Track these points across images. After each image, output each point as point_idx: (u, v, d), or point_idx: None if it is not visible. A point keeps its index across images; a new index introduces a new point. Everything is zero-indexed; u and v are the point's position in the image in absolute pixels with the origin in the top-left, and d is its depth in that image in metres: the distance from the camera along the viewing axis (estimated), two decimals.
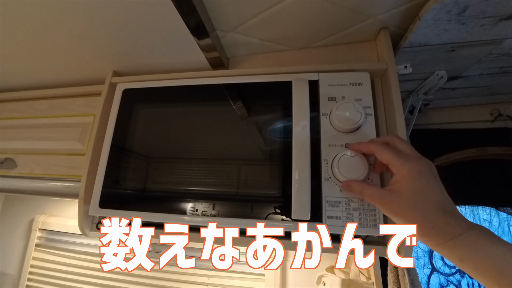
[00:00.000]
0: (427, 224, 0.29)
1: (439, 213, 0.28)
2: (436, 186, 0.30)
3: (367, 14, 0.47)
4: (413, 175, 0.30)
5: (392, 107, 0.44)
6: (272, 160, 0.44)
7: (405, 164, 0.31)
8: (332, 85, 0.45)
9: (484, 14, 0.42)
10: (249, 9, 0.47)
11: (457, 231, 0.28)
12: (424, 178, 0.30)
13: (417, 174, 0.30)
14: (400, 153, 0.33)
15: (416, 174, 0.30)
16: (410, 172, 0.30)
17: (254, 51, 0.58)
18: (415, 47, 0.50)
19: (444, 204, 0.29)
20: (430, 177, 0.30)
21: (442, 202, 0.29)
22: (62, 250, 0.95)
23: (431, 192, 0.29)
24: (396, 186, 0.31)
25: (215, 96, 0.51)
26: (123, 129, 0.53)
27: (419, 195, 0.29)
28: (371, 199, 0.34)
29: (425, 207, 0.29)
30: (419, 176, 0.30)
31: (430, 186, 0.30)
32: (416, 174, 0.30)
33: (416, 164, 0.31)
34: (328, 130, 0.43)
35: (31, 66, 0.66)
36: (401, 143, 0.34)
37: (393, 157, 0.32)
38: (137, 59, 0.59)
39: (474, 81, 0.63)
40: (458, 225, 0.28)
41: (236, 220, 0.43)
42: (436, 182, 0.30)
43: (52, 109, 0.69)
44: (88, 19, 0.48)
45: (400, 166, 0.31)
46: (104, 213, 0.49)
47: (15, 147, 0.68)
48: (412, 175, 0.30)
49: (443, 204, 0.29)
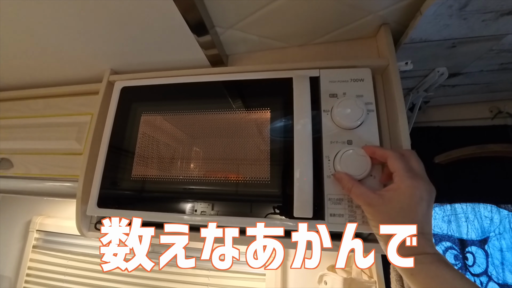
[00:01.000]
0: None
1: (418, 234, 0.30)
2: (425, 211, 0.31)
3: (368, 10, 0.46)
4: (410, 192, 0.31)
5: (394, 103, 0.44)
6: (273, 158, 0.44)
7: (409, 179, 0.31)
8: (333, 82, 0.45)
9: (486, 9, 0.41)
10: (248, 5, 0.46)
11: (423, 250, 0.29)
12: (418, 199, 0.30)
13: (413, 193, 0.31)
14: (410, 168, 0.33)
15: (413, 192, 0.31)
16: (409, 188, 0.31)
17: (254, 48, 0.58)
18: (416, 43, 0.49)
19: (423, 227, 0.30)
20: (424, 201, 0.31)
21: (422, 224, 0.30)
22: (60, 251, 0.94)
23: (418, 213, 0.30)
24: (388, 193, 0.32)
25: (214, 94, 0.51)
26: (121, 128, 0.53)
27: (406, 212, 0.30)
28: (357, 197, 0.35)
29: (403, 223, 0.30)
30: (415, 195, 0.30)
31: (420, 208, 0.30)
32: (413, 192, 0.31)
33: (419, 184, 0.31)
34: (330, 127, 0.43)
35: (27, 65, 0.65)
36: (415, 161, 0.34)
37: (402, 168, 0.32)
38: (136, 57, 0.59)
39: (474, 78, 0.63)
40: (425, 246, 0.29)
41: (235, 219, 0.43)
42: (427, 208, 0.31)
43: (49, 108, 0.68)
44: (84, 17, 0.47)
45: (403, 178, 0.32)
46: (102, 212, 0.48)
47: (11, 147, 0.67)
48: (408, 191, 0.31)
49: (422, 226, 0.30)
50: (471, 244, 0.69)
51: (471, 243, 0.69)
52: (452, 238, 0.70)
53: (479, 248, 0.68)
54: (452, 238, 0.70)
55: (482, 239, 0.69)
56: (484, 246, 0.68)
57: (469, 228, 0.69)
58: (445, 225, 0.71)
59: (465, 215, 0.70)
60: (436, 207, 0.72)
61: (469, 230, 0.69)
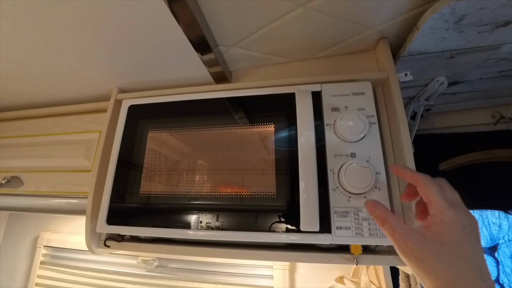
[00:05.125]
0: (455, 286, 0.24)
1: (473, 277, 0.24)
2: (477, 246, 0.25)
3: (366, 25, 0.48)
4: (455, 225, 0.26)
5: (395, 115, 0.45)
6: (278, 172, 0.45)
7: (451, 209, 0.27)
8: (334, 96, 0.46)
9: (481, 22, 0.43)
10: (250, 25, 0.48)
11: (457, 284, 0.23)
12: (467, 233, 0.25)
13: (459, 226, 0.26)
14: (448, 198, 0.28)
15: (459, 226, 0.26)
16: (454, 220, 0.26)
17: (256, 64, 0.59)
18: (414, 55, 0.51)
19: (481, 269, 0.24)
20: (472, 234, 0.26)
21: (481, 267, 0.24)
22: (67, 267, 0.94)
23: (470, 251, 0.25)
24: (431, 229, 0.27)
25: (219, 110, 0.52)
26: (129, 145, 0.54)
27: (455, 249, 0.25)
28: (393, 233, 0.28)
29: (458, 265, 0.24)
30: (463, 228, 0.26)
31: (471, 244, 0.25)
32: (460, 225, 0.26)
33: (462, 215, 0.26)
34: (333, 140, 0.44)
35: (36, 85, 0.67)
36: (450, 189, 0.30)
37: (438, 198, 0.28)
38: (142, 76, 0.61)
39: (474, 85, 0.64)
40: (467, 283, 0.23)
41: (241, 234, 0.43)
42: (477, 242, 0.26)
43: (58, 127, 0.70)
44: (92, 38, 0.49)
45: (444, 210, 0.27)
46: (112, 229, 0.49)
47: (21, 165, 0.69)
48: (454, 224, 0.26)
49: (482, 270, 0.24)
50: None
51: None
52: None
53: (489, 255, 0.67)
54: None
55: (491, 246, 0.68)
56: (494, 253, 0.67)
57: None
58: None
59: None
60: None
61: None
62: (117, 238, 0.53)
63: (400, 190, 0.43)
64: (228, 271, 0.79)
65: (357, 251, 0.39)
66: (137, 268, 0.85)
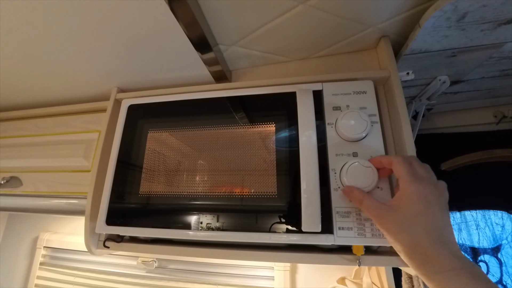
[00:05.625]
0: (416, 248, 0.28)
1: (431, 240, 0.28)
2: (438, 214, 0.29)
3: (367, 23, 0.48)
4: (416, 197, 0.30)
5: (397, 113, 0.44)
6: (279, 172, 0.44)
7: (413, 183, 0.30)
8: (336, 95, 0.45)
9: (483, 19, 0.42)
10: (250, 23, 0.47)
11: (449, 265, 0.26)
12: (426, 203, 0.29)
13: (419, 197, 0.30)
14: (415, 173, 0.32)
15: (419, 197, 0.30)
16: (414, 193, 0.30)
17: (256, 63, 0.59)
18: (416, 53, 0.50)
19: (442, 234, 0.28)
20: (433, 204, 0.29)
21: (439, 231, 0.28)
22: (67, 268, 0.93)
23: (429, 218, 0.29)
24: (395, 203, 0.32)
25: (219, 109, 0.52)
26: (128, 145, 0.53)
27: (414, 217, 0.29)
28: (368, 210, 0.34)
29: (417, 231, 0.28)
30: (421, 199, 0.29)
31: (430, 212, 0.29)
32: (419, 196, 0.30)
33: (424, 188, 0.30)
34: (334, 139, 0.43)
35: (35, 84, 0.67)
36: (419, 165, 0.33)
37: (405, 173, 0.32)
38: (142, 75, 0.60)
39: (476, 84, 0.64)
40: (451, 259, 0.27)
41: (241, 234, 0.43)
42: (439, 211, 0.29)
43: (57, 127, 0.70)
44: (91, 37, 0.49)
45: (407, 184, 0.31)
46: (111, 230, 0.49)
47: (20, 165, 0.68)
48: (414, 196, 0.30)
49: (440, 233, 0.28)
50: (484, 253, 0.67)
51: (483, 251, 0.67)
52: (463, 246, 0.68)
53: (492, 256, 0.66)
54: (463, 246, 0.68)
55: (494, 247, 0.67)
56: (497, 254, 0.66)
57: (480, 236, 0.68)
58: (455, 233, 0.69)
59: (475, 222, 0.69)
60: None
61: (481, 238, 0.68)
62: (117, 238, 0.53)
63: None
64: (228, 272, 0.78)
65: (359, 252, 0.38)
66: (137, 269, 0.84)
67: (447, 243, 0.28)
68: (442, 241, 0.28)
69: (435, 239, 0.28)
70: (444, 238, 0.28)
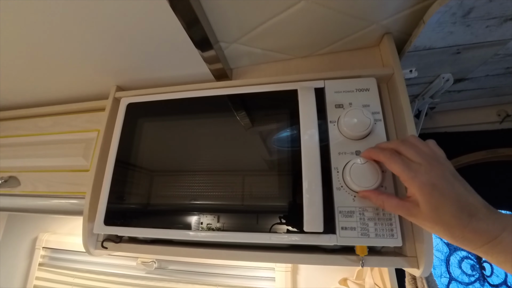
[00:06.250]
0: (454, 235, 0.28)
1: (464, 221, 0.27)
2: (452, 192, 0.28)
3: (370, 20, 0.47)
4: (426, 191, 0.29)
5: (401, 111, 0.43)
6: (280, 171, 0.43)
7: (415, 179, 0.29)
8: (338, 92, 0.45)
9: (489, 15, 0.41)
10: (251, 19, 0.47)
11: (490, 235, 0.26)
12: (438, 191, 0.28)
13: (430, 189, 0.28)
14: (409, 164, 0.30)
15: (429, 189, 0.28)
16: (421, 188, 0.29)
17: (257, 61, 0.58)
18: (420, 50, 0.49)
19: (469, 209, 0.27)
20: (445, 186, 0.28)
21: (466, 207, 0.27)
22: (66, 268, 0.93)
23: (449, 202, 0.27)
24: (413, 198, 0.30)
25: (219, 108, 0.51)
26: (127, 144, 0.53)
27: (437, 209, 0.28)
28: (395, 210, 0.33)
29: (447, 220, 0.27)
30: (432, 190, 0.28)
31: (447, 195, 0.28)
32: (428, 189, 0.28)
33: (427, 177, 0.29)
34: (337, 138, 0.42)
35: (34, 83, 0.66)
36: (407, 150, 0.32)
37: (402, 171, 0.30)
38: (141, 73, 0.59)
39: (480, 82, 0.63)
40: (490, 228, 0.26)
41: (242, 235, 0.42)
42: (452, 187, 0.28)
43: (56, 126, 0.69)
44: (90, 34, 0.48)
45: (410, 182, 0.30)
46: (109, 230, 0.48)
47: (19, 165, 0.68)
48: (424, 190, 0.29)
49: (468, 209, 0.27)
50: None
51: None
52: None
53: None
54: None
55: None
56: None
57: None
58: None
59: None
60: None
61: None
62: (115, 239, 0.52)
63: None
64: (229, 273, 0.77)
65: (363, 252, 0.38)
66: (136, 269, 0.84)
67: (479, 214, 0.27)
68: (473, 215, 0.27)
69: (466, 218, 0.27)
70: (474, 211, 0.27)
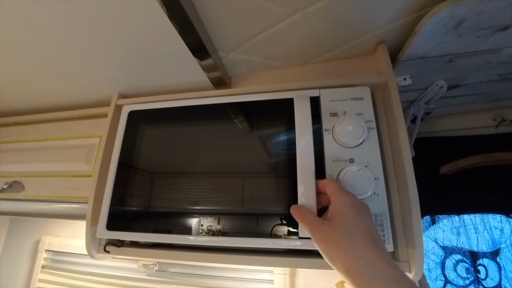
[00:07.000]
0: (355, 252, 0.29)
1: (370, 244, 0.29)
2: (368, 218, 0.32)
3: (364, 30, 0.48)
4: (348, 206, 0.33)
5: (394, 119, 0.44)
6: (277, 177, 0.45)
7: (344, 195, 0.34)
8: (333, 101, 0.46)
9: (480, 26, 0.42)
10: (249, 30, 0.48)
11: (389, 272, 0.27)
12: (357, 209, 0.32)
13: (351, 205, 0.33)
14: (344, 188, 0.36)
15: (350, 205, 0.33)
16: (346, 202, 0.33)
17: (255, 69, 0.60)
18: (413, 59, 0.51)
19: (375, 236, 0.30)
20: (362, 210, 0.33)
21: (372, 233, 0.31)
22: (68, 271, 0.94)
23: (362, 222, 0.31)
24: (329, 215, 0.34)
25: (218, 115, 0.52)
26: (129, 150, 0.54)
27: (351, 222, 0.31)
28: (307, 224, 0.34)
29: (355, 233, 0.30)
30: (352, 206, 0.33)
31: (362, 217, 0.32)
32: (350, 205, 0.33)
33: (352, 199, 0.34)
34: (332, 145, 0.43)
35: (37, 90, 0.68)
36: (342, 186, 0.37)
37: (337, 188, 0.35)
38: (142, 82, 0.61)
39: (475, 88, 0.64)
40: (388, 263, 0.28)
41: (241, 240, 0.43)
42: (368, 216, 0.33)
43: (59, 131, 0.70)
44: (91, 44, 0.50)
45: (339, 196, 0.34)
46: (111, 235, 0.49)
47: (23, 170, 0.69)
48: (347, 205, 0.33)
49: (374, 235, 0.30)
50: (483, 256, 0.67)
51: (482, 255, 0.67)
52: (462, 250, 0.68)
53: (491, 260, 0.66)
54: (462, 250, 0.68)
55: (493, 250, 0.67)
56: (496, 258, 0.66)
57: (479, 239, 0.68)
58: (454, 237, 0.69)
59: (474, 226, 0.69)
60: (444, 219, 0.71)
61: (480, 242, 0.68)
62: (117, 243, 0.53)
63: (399, 196, 0.43)
64: (228, 275, 0.78)
65: None
66: (137, 272, 0.85)
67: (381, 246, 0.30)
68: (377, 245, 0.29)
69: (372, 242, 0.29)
70: (379, 242, 0.30)
